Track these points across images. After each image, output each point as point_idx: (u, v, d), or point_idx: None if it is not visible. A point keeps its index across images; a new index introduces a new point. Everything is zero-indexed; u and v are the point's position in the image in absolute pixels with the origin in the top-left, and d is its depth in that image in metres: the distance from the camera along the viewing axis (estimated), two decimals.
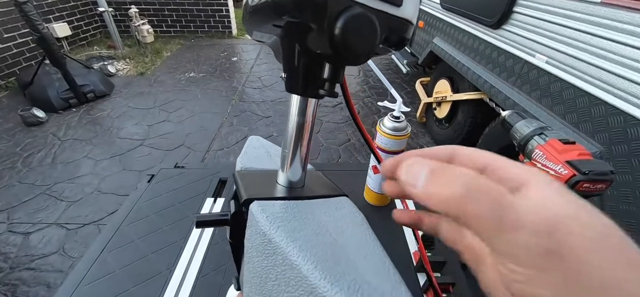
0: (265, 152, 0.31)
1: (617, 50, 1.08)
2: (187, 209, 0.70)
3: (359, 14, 0.16)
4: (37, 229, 1.74)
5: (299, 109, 0.23)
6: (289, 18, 0.17)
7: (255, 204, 0.21)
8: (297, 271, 0.17)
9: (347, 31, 0.16)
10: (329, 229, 0.20)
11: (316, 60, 0.20)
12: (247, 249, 0.22)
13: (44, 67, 2.92)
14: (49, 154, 2.33)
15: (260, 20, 0.19)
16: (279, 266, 0.18)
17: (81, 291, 0.53)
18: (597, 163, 0.40)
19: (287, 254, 0.17)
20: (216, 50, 4.57)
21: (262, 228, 0.19)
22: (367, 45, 0.17)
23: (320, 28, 0.16)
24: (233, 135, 2.57)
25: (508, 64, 1.65)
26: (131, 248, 0.61)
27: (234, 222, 0.24)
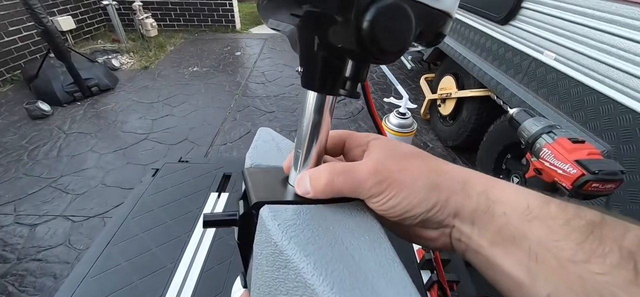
0: (275, 146, 0.29)
1: (628, 47, 1.06)
2: (192, 203, 0.71)
3: (393, 5, 0.14)
4: (43, 221, 1.77)
5: (315, 106, 0.21)
6: (310, 7, 0.15)
7: (265, 208, 0.20)
8: (312, 292, 0.15)
9: (378, 25, 0.14)
10: (345, 242, 0.19)
11: (337, 55, 0.18)
12: (256, 255, 0.21)
13: (49, 61, 2.93)
14: (54, 147, 2.35)
15: (277, 8, 0.18)
16: (291, 281, 0.17)
17: (87, 283, 0.54)
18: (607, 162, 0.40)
19: (301, 271, 0.16)
20: (220, 45, 4.56)
21: (273, 238, 0.18)
22: (400, 42, 0.15)
23: (346, 20, 0.14)
24: (236, 130, 2.58)
25: (515, 61, 1.62)
26: (136, 242, 0.61)
27: (243, 223, 0.23)
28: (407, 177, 0.20)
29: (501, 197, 0.19)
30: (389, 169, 0.20)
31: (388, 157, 0.21)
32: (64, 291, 0.53)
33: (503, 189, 0.19)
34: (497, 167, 1.70)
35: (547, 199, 0.18)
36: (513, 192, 0.19)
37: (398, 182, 0.20)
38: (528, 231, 0.17)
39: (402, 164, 0.21)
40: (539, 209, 0.18)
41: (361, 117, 2.81)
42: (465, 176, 0.20)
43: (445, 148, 2.41)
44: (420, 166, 0.21)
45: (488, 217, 0.19)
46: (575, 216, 0.17)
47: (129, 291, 0.53)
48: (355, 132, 0.25)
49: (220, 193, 0.74)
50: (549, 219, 0.17)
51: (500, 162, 1.69)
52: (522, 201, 0.18)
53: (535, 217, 0.17)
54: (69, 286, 0.54)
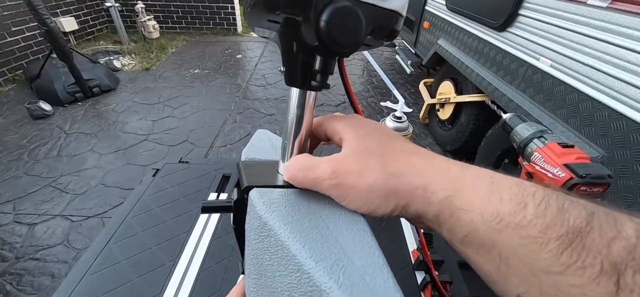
0: (270, 145, 0.32)
1: (622, 55, 1.08)
2: (191, 203, 0.72)
3: (344, 7, 0.16)
4: (42, 220, 1.77)
5: (297, 101, 0.23)
6: (281, 13, 0.17)
7: (254, 191, 0.22)
8: (287, 251, 0.18)
9: (332, 23, 0.16)
10: (322, 215, 0.21)
11: (312, 53, 0.20)
12: (247, 233, 0.24)
13: (51, 61, 2.96)
14: (55, 146, 2.36)
15: (257, 15, 0.20)
16: (273, 247, 0.19)
17: (87, 280, 0.55)
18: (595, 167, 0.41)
19: (279, 236, 0.19)
20: (221, 47, 4.59)
21: (258, 213, 0.21)
22: (352, 37, 0.17)
23: (306, 20, 0.17)
24: (236, 132, 2.59)
25: (512, 67, 1.64)
26: (136, 240, 0.63)
27: (237, 208, 0.25)
28: (363, 185, 0.20)
29: (468, 203, 0.18)
30: (347, 172, 0.20)
31: (350, 156, 0.21)
32: (64, 287, 0.54)
33: (471, 194, 0.18)
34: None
35: (522, 201, 0.16)
36: (483, 197, 0.18)
37: (353, 188, 0.20)
38: (497, 239, 0.16)
39: (361, 167, 0.20)
40: (511, 215, 0.16)
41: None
42: (426, 181, 0.19)
43: (444, 152, 2.42)
44: (380, 174, 0.20)
45: (453, 222, 0.18)
46: (554, 222, 0.15)
47: (128, 289, 0.54)
48: (334, 116, 0.26)
49: (219, 193, 0.75)
50: (522, 228, 0.16)
51: (498, 166, 1.70)
52: (492, 207, 0.17)
53: (506, 226, 0.16)
54: (69, 282, 0.55)
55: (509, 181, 0.18)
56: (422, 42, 2.88)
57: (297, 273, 0.17)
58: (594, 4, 1.19)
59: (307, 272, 0.17)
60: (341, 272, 0.17)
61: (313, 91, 0.23)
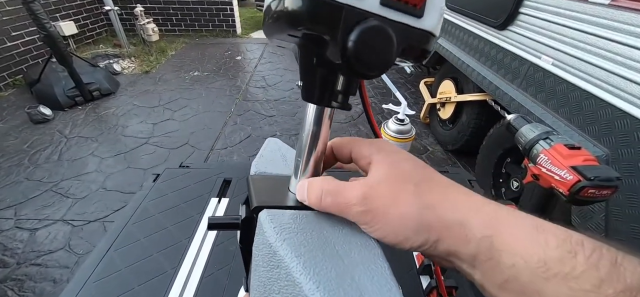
0: (281, 156, 0.30)
1: (625, 52, 1.07)
2: (192, 208, 0.71)
3: (374, 27, 0.15)
4: (43, 225, 1.77)
5: (314, 117, 0.22)
6: (304, 30, 0.16)
7: (264, 212, 0.21)
8: (299, 289, 0.16)
9: (361, 44, 0.15)
10: (336, 246, 0.20)
11: (332, 70, 0.19)
12: (254, 256, 0.22)
13: (51, 65, 2.96)
14: (56, 151, 2.36)
15: (278, 29, 0.19)
16: (282, 280, 0.18)
17: (88, 288, 0.54)
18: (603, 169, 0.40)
19: (291, 270, 0.17)
20: (220, 49, 4.59)
21: (268, 239, 0.19)
22: (381, 59, 0.16)
23: (333, 39, 0.16)
24: (237, 134, 2.59)
25: (513, 66, 1.64)
26: (137, 247, 0.62)
27: (244, 227, 0.24)
28: (395, 213, 0.19)
29: (510, 246, 0.16)
30: (378, 198, 0.19)
31: (382, 182, 0.20)
32: (65, 296, 0.54)
33: (513, 236, 0.16)
34: (496, 171, 1.70)
35: (572, 248, 0.15)
36: (527, 240, 0.16)
37: (384, 216, 0.19)
38: (543, 289, 0.15)
39: (394, 193, 0.19)
40: (559, 264, 0.14)
41: (361, 122, 2.81)
42: (464, 216, 0.18)
43: (445, 152, 2.42)
44: (413, 203, 0.19)
45: (492, 264, 0.17)
46: (609, 277, 0.13)
47: (129, 296, 0.53)
48: (361, 139, 0.24)
49: (220, 198, 0.75)
50: (573, 280, 0.14)
51: (500, 165, 1.69)
52: (537, 252, 0.15)
53: (554, 275, 0.14)
54: (70, 290, 0.54)
55: (554, 226, 0.16)
56: None
57: None
58: (597, 1, 1.18)
59: None
60: None
61: (330, 108, 0.22)
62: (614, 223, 1.04)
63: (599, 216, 1.07)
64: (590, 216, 1.10)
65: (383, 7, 0.16)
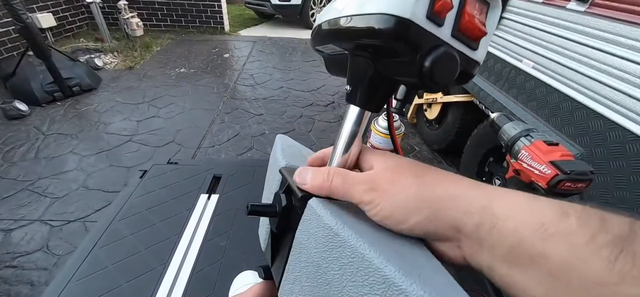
0: (298, 152, 0.32)
1: (598, 57, 1.13)
2: (181, 205, 0.70)
3: (447, 53, 0.18)
4: (19, 225, 1.69)
5: (356, 119, 0.25)
6: (382, 43, 0.19)
7: (314, 200, 0.23)
8: (368, 263, 0.18)
9: (435, 65, 0.18)
10: (386, 233, 0.21)
11: (385, 81, 0.23)
12: (299, 240, 0.23)
13: (27, 59, 2.82)
14: (32, 148, 2.25)
15: (349, 39, 0.22)
16: (345, 257, 0.19)
17: (72, 288, 0.53)
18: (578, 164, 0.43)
19: (357, 248, 0.18)
20: (208, 46, 4.50)
21: (326, 222, 0.20)
22: (448, 78, 0.19)
23: (411, 60, 0.19)
24: (224, 133, 2.55)
25: (497, 68, 1.70)
26: (124, 244, 0.60)
27: (284, 214, 0.25)
28: (396, 188, 0.21)
29: (508, 211, 0.17)
30: (380, 179, 0.21)
31: (383, 170, 0.22)
32: (47, 295, 0.52)
33: (510, 202, 0.18)
34: (480, 169, 1.76)
35: (563, 210, 0.16)
36: (523, 205, 0.17)
37: (386, 192, 0.21)
38: (546, 250, 0.16)
39: (395, 178, 0.21)
40: (555, 223, 0.16)
41: None
42: (458, 190, 0.20)
43: (431, 151, 2.47)
44: (412, 183, 0.21)
45: (496, 234, 0.17)
46: (600, 229, 0.15)
47: (116, 294, 0.52)
48: (371, 149, 0.26)
49: (210, 195, 0.74)
50: (569, 236, 0.15)
51: (483, 165, 1.75)
52: (534, 215, 0.17)
53: (552, 235, 0.16)
54: (52, 290, 0.52)
55: (544, 197, 0.18)
56: None
57: (382, 285, 0.17)
58: (573, 8, 1.24)
59: (398, 285, 0.16)
60: (429, 287, 0.16)
61: (370, 112, 0.24)
62: None
63: None
64: None
65: (453, 38, 0.19)
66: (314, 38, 0.27)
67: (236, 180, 0.78)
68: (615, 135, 1.03)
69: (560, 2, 1.31)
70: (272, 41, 4.91)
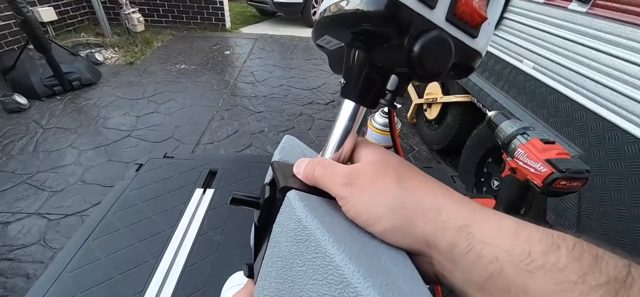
0: (301, 152, 0.32)
1: (598, 58, 1.12)
2: (176, 199, 0.70)
3: (438, 37, 0.17)
4: (16, 218, 1.69)
5: (350, 114, 0.24)
6: (372, 27, 0.18)
7: (292, 192, 0.22)
8: (329, 260, 0.17)
9: (425, 50, 0.17)
10: (361, 234, 0.20)
11: (378, 72, 0.21)
12: (275, 233, 0.22)
13: (28, 52, 2.81)
14: (31, 142, 2.25)
15: (341, 27, 0.21)
16: (310, 252, 0.18)
17: (63, 279, 0.53)
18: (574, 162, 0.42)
19: (321, 243, 0.17)
20: (209, 43, 4.50)
21: (298, 214, 0.20)
22: (439, 67, 0.18)
23: (400, 44, 0.18)
24: (224, 129, 2.55)
25: (497, 68, 1.69)
26: (117, 237, 0.60)
27: (266, 206, 0.25)
28: (373, 190, 0.19)
29: (491, 236, 0.16)
30: (360, 177, 0.20)
31: (368, 166, 0.21)
32: (38, 287, 0.52)
33: (493, 226, 0.16)
34: (479, 170, 1.76)
35: (554, 242, 0.14)
36: (508, 230, 0.16)
37: (362, 189, 0.20)
38: (529, 284, 0.14)
39: (376, 176, 0.20)
40: (543, 256, 0.14)
41: None
42: (441, 203, 0.18)
43: (431, 151, 2.47)
44: (392, 185, 0.19)
45: (473, 258, 0.16)
46: (593, 268, 0.13)
47: (108, 286, 0.52)
48: (366, 141, 0.26)
49: (205, 189, 0.73)
50: (558, 272, 0.14)
51: (482, 165, 1.75)
52: (521, 243, 0.15)
53: (539, 268, 0.14)
54: (45, 280, 0.52)
55: (533, 225, 0.16)
56: None
57: (339, 285, 0.16)
58: (575, 9, 1.23)
59: (354, 286, 0.15)
60: (390, 294, 0.15)
61: (366, 108, 0.24)
62: (586, 220, 1.10)
63: (572, 213, 1.12)
64: (564, 212, 1.15)
65: (447, 22, 0.18)
66: (314, 32, 0.26)
67: (232, 175, 0.77)
68: (614, 137, 1.02)
69: (562, 2, 1.30)
70: (273, 39, 4.91)
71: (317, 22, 0.24)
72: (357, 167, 0.21)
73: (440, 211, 0.18)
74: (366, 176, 0.20)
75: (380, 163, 0.21)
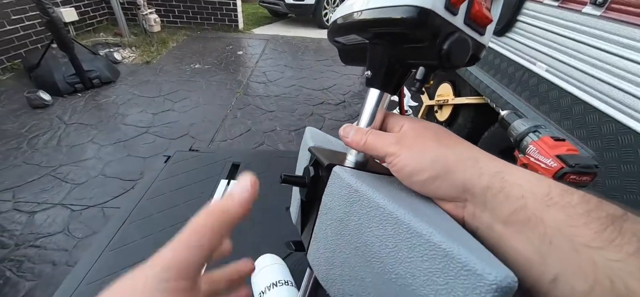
0: (326, 140, 0.36)
1: (612, 61, 1.13)
2: (202, 188, 0.74)
3: (461, 38, 0.22)
4: (42, 208, 1.78)
5: (376, 101, 0.28)
6: (404, 30, 0.22)
7: (338, 167, 0.26)
8: (382, 209, 0.21)
9: (452, 48, 0.21)
10: (402, 195, 0.24)
11: (402, 64, 0.26)
12: (325, 203, 0.27)
13: (51, 51, 2.95)
14: (54, 136, 2.36)
15: (370, 29, 0.25)
16: (363, 208, 0.22)
17: (106, 256, 0.58)
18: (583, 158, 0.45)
19: (373, 198, 0.21)
20: (222, 43, 4.60)
21: (347, 182, 0.24)
22: (461, 60, 0.23)
23: (431, 45, 0.22)
24: (237, 128, 2.61)
25: (510, 71, 1.70)
26: (151, 221, 0.65)
27: (312, 183, 0.29)
28: (418, 147, 0.23)
29: (519, 181, 0.19)
30: (406, 137, 0.25)
31: (410, 129, 0.26)
32: (84, 263, 0.57)
33: (521, 173, 0.20)
34: None
35: (570, 189, 0.18)
36: (533, 178, 0.20)
37: (409, 146, 0.24)
38: (545, 216, 0.18)
39: (419, 137, 0.24)
40: (560, 196, 0.18)
41: None
42: (478, 155, 0.22)
43: None
44: (433, 142, 0.24)
45: (502, 197, 0.19)
46: (596, 207, 0.17)
47: None
48: (395, 114, 0.29)
49: (229, 180, 0.78)
50: (569, 207, 0.17)
51: None
52: (543, 186, 0.19)
53: (555, 203, 0.18)
54: (89, 258, 0.57)
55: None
56: None
57: (394, 225, 0.20)
58: (589, 12, 1.24)
59: (406, 223, 0.19)
60: (444, 231, 0.18)
61: (389, 94, 0.28)
62: None
63: None
64: None
65: (465, 25, 0.23)
66: (334, 31, 0.30)
67: (253, 168, 0.82)
68: (627, 139, 1.03)
69: (576, 6, 1.31)
70: (285, 40, 4.97)
71: (344, 23, 0.28)
72: (401, 132, 0.26)
73: (477, 160, 0.22)
74: (411, 137, 0.25)
75: (421, 127, 0.25)
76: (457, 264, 0.16)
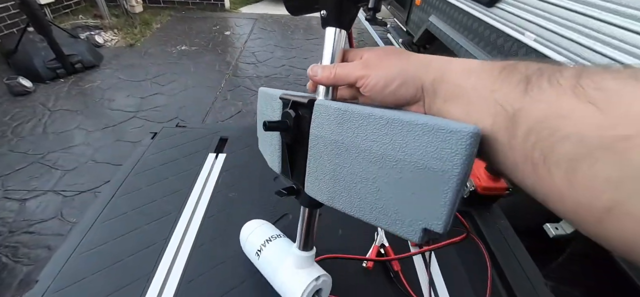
0: (283, 93, 0.37)
1: (602, 29, 1.14)
2: (191, 162, 0.75)
3: None
4: (33, 196, 1.76)
5: (335, 38, 0.31)
6: None
7: (319, 100, 0.28)
8: (374, 117, 0.23)
9: None
10: (376, 106, 0.27)
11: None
12: (315, 135, 0.29)
13: (28, 35, 2.81)
14: (39, 124, 2.30)
15: None
16: (354, 122, 0.25)
17: (97, 227, 0.58)
18: None
19: (363, 111, 0.24)
20: (208, 24, 4.45)
21: (335, 107, 0.26)
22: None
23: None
24: (227, 110, 2.58)
25: (499, 42, 1.70)
26: (140, 194, 0.66)
27: (296, 124, 0.31)
28: (384, 65, 0.27)
29: (454, 67, 0.25)
30: (372, 60, 0.29)
31: (374, 55, 0.29)
32: (76, 234, 0.57)
33: (458, 62, 0.25)
34: None
35: (488, 62, 0.24)
36: (466, 63, 0.25)
37: (377, 66, 0.28)
38: (465, 84, 0.23)
39: (383, 57, 0.28)
40: (477, 67, 0.23)
41: None
42: (429, 59, 0.27)
43: None
44: (396, 57, 0.28)
45: (443, 84, 0.25)
46: (500, 65, 0.22)
47: (137, 234, 0.58)
48: (354, 48, 0.33)
49: (217, 154, 0.78)
50: (482, 71, 0.23)
51: None
52: (466, 65, 0.24)
53: (471, 73, 0.23)
54: (81, 229, 0.58)
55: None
56: (414, 20, 2.89)
57: (385, 125, 0.23)
58: None
59: (396, 120, 0.22)
60: (422, 118, 0.22)
61: (345, 31, 0.30)
62: None
63: None
64: None
65: None
66: None
67: (241, 142, 0.82)
68: None
69: None
70: (273, 19, 4.84)
71: None
72: (365, 58, 0.29)
73: (429, 62, 0.26)
74: (375, 59, 0.28)
75: (381, 51, 0.29)
76: (440, 131, 0.20)
